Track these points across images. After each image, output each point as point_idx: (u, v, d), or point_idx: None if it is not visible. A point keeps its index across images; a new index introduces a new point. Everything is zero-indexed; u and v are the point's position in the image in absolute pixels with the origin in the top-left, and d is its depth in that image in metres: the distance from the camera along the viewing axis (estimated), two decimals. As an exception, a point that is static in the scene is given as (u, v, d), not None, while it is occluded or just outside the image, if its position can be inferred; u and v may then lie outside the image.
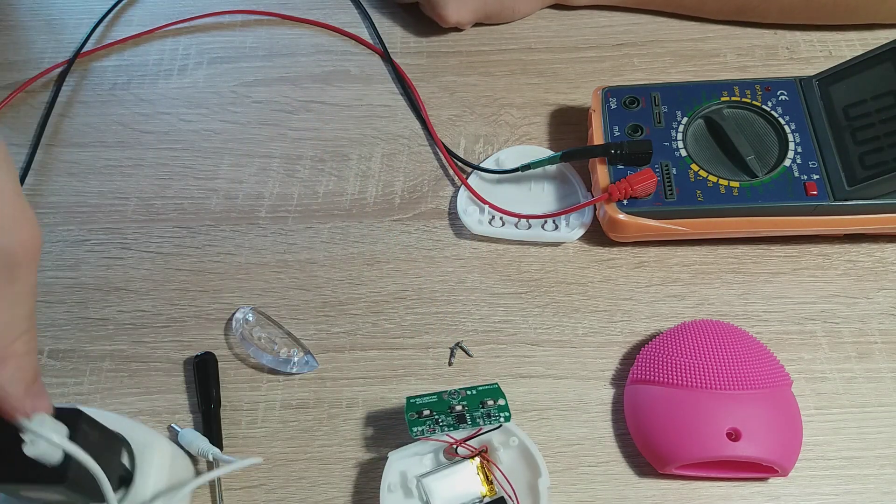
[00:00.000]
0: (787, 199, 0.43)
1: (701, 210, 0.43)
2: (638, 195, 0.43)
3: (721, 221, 0.44)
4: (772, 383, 0.39)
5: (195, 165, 0.52)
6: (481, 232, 0.47)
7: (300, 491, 0.41)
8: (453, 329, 0.45)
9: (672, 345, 0.41)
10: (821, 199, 0.43)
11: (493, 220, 0.47)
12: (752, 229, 0.44)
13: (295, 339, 0.44)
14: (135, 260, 0.48)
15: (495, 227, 0.47)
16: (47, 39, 0.58)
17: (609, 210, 0.44)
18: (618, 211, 0.44)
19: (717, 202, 0.43)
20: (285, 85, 0.55)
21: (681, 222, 0.44)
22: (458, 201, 0.48)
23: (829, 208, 0.43)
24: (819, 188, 0.43)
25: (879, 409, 0.41)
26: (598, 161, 0.46)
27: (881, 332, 0.44)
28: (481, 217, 0.47)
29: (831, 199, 0.43)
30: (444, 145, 0.51)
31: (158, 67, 0.56)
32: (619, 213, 0.44)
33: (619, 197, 0.43)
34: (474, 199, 0.48)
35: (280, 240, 0.48)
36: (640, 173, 0.43)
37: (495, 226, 0.47)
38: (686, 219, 0.44)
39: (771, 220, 0.44)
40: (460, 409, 0.38)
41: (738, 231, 0.45)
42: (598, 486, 0.40)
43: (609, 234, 0.46)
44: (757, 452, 0.37)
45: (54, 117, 0.54)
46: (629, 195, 0.43)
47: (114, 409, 0.43)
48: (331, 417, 0.42)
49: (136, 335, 0.45)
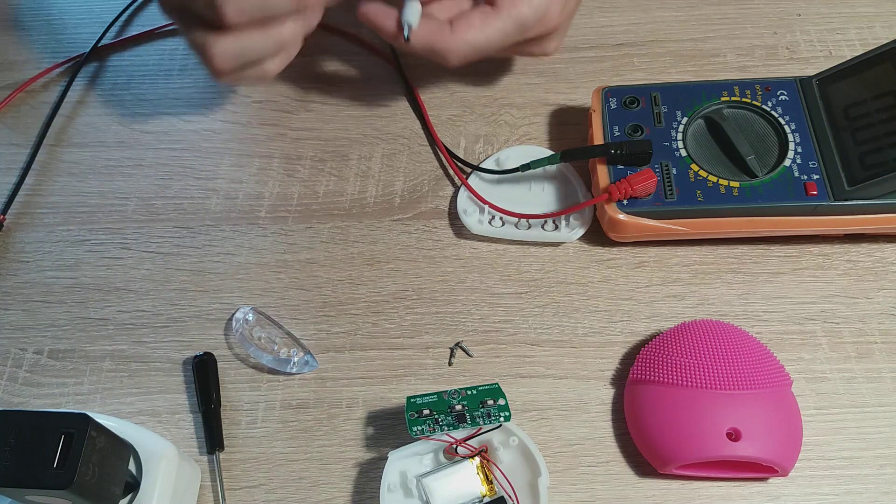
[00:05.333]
0: (787, 199, 0.43)
1: (701, 210, 0.43)
2: (638, 195, 0.43)
3: (721, 221, 0.44)
4: (772, 383, 0.39)
5: (195, 165, 0.52)
6: (481, 232, 0.47)
7: (300, 491, 0.41)
8: (453, 329, 0.45)
9: (672, 345, 0.41)
10: (821, 199, 0.43)
11: (493, 220, 0.47)
12: (753, 229, 0.44)
13: (295, 339, 0.44)
14: (135, 260, 0.48)
15: (495, 227, 0.47)
16: (47, 40, 0.58)
17: (609, 210, 0.44)
18: (618, 211, 0.44)
19: (717, 202, 0.43)
20: (285, 85, 0.55)
21: (681, 222, 0.44)
22: (458, 201, 0.48)
23: (830, 208, 0.43)
24: (819, 188, 0.43)
25: (879, 409, 0.41)
26: (598, 161, 0.45)
27: (881, 332, 0.44)
28: (481, 217, 0.47)
29: (831, 199, 0.42)
30: (445, 146, 0.51)
31: (159, 67, 0.56)
32: (619, 213, 0.44)
33: (619, 197, 0.43)
34: (474, 199, 0.48)
35: (280, 240, 0.48)
36: (640, 173, 0.43)
37: (495, 226, 0.47)
38: (686, 219, 0.44)
39: (771, 220, 0.44)
40: (460, 409, 0.38)
41: (739, 231, 0.45)
42: (597, 486, 0.40)
43: (609, 233, 0.46)
44: (757, 452, 0.37)
45: (58, 118, 0.54)
46: (629, 195, 0.43)
47: (114, 409, 0.43)
48: (331, 417, 0.43)
49: (136, 335, 0.45)
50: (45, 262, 0.48)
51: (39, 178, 0.52)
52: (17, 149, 0.53)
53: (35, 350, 0.45)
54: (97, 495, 0.32)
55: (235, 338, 0.45)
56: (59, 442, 0.31)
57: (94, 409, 0.42)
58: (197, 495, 0.40)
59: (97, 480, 0.32)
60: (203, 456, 0.42)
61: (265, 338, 0.44)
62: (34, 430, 0.31)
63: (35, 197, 0.51)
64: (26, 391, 0.44)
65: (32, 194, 0.51)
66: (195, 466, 0.40)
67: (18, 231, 0.49)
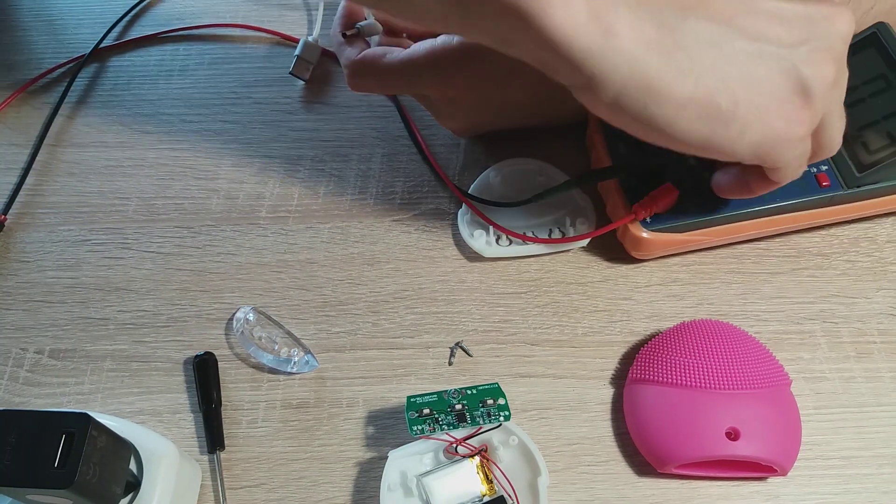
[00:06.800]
0: (803, 194, 0.43)
1: (721, 217, 0.43)
2: (661, 211, 0.43)
3: (742, 225, 0.43)
4: (771, 383, 0.39)
5: (196, 165, 0.52)
6: (493, 254, 0.46)
7: (300, 490, 0.41)
8: (453, 329, 0.45)
9: (671, 344, 0.41)
10: (834, 189, 0.43)
11: (501, 240, 0.46)
12: (774, 228, 0.44)
13: (295, 339, 0.44)
14: (135, 260, 0.48)
15: (503, 247, 0.46)
16: (48, 40, 0.58)
17: (633, 229, 0.43)
18: (642, 229, 0.43)
19: (735, 207, 0.43)
20: (285, 85, 0.55)
21: (703, 232, 0.43)
22: (461, 227, 0.47)
23: (845, 197, 0.43)
24: (831, 178, 0.43)
25: (878, 409, 0.42)
26: (611, 182, 0.45)
27: (880, 332, 0.44)
28: (489, 238, 0.46)
29: (844, 187, 0.43)
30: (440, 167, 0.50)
31: (159, 68, 0.56)
32: (644, 231, 0.43)
33: (644, 216, 0.43)
34: (479, 220, 0.47)
35: (280, 240, 0.48)
36: (661, 189, 0.42)
37: (503, 244, 0.46)
38: (707, 228, 0.43)
39: (790, 216, 0.44)
40: (460, 409, 0.38)
41: (760, 232, 0.44)
42: (597, 486, 0.40)
43: (633, 252, 0.45)
44: (756, 452, 0.37)
45: (59, 118, 0.54)
46: (654, 212, 0.43)
47: (114, 409, 0.43)
48: (331, 417, 0.43)
49: (137, 335, 0.46)
50: (46, 261, 0.48)
51: (40, 179, 0.52)
52: (18, 149, 0.53)
53: (36, 350, 0.45)
54: (98, 495, 0.32)
55: (236, 337, 0.45)
56: (60, 441, 0.31)
57: (94, 409, 0.42)
58: (197, 495, 0.40)
59: (98, 480, 0.32)
60: (204, 455, 0.42)
61: (266, 337, 0.44)
62: (35, 430, 0.31)
63: (36, 197, 0.51)
64: (27, 391, 0.44)
65: (33, 194, 0.51)
66: (196, 466, 0.40)
67: (19, 231, 0.50)
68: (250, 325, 0.44)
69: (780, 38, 0.32)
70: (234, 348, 0.45)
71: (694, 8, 0.31)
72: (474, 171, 0.49)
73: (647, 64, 0.30)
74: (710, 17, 0.31)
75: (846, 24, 0.33)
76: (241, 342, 0.44)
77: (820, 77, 0.32)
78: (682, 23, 0.31)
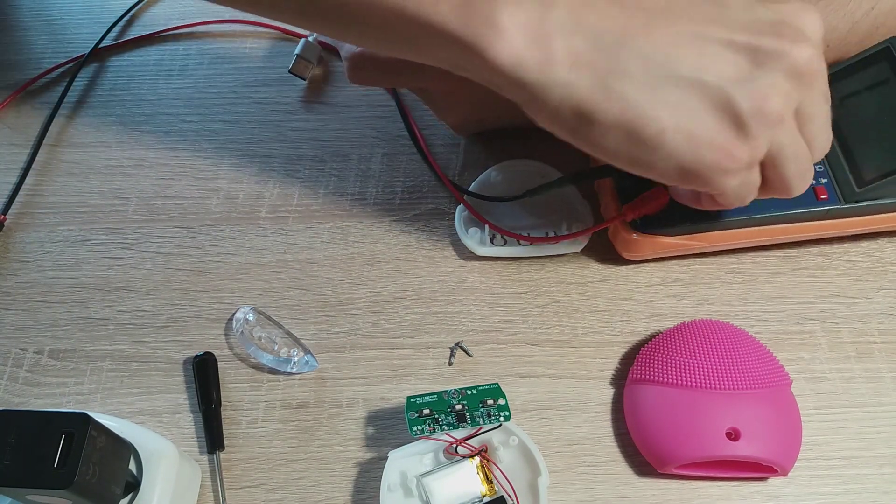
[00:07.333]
0: (799, 206, 0.42)
1: (713, 223, 0.43)
2: (651, 213, 0.42)
3: (735, 233, 0.43)
4: (771, 383, 0.39)
5: (196, 165, 0.52)
6: (486, 253, 0.46)
7: (300, 490, 0.41)
8: (453, 329, 0.45)
9: (672, 345, 0.41)
10: (832, 202, 0.42)
11: (496, 239, 0.46)
12: (766, 238, 0.44)
13: (295, 339, 0.44)
14: (135, 260, 0.48)
15: (497, 247, 0.46)
16: (48, 40, 0.58)
17: (623, 230, 0.43)
18: (631, 231, 0.43)
19: (728, 214, 0.42)
20: (285, 85, 0.55)
21: (695, 237, 0.43)
22: (458, 224, 0.47)
23: (842, 211, 0.42)
24: (829, 192, 0.42)
25: (879, 409, 0.42)
26: (606, 181, 0.45)
27: (880, 332, 0.44)
28: (483, 237, 0.46)
29: (842, 202, 0.42)
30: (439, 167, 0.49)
31: (159, 68, 0.56)
32: (633, 233, 0.43)
33: (633, 217, 0.43)
34: (475, 219, 0.47)
35: (280, 240, 0.48)
36: (652, 192, 0.42)
37: (497, 244, 0.46)
38: (699, 233, 0.43)
39: (784, 227, 0.43)
40: (460, 409, 0.38)
41: (752, 241, 0.44)
42: (597, 486, 0.40)
43: (623, 253, 0.45)
44: (756, 452, 0.37)
45: (58, 118, 0.54)
46: (643, 214, 0.42)
47: (114, 409, 0.43)
48: (331, 417, 0.43)
49: (137, 335, 0.45)
50: (46, 262, 0.48)
51: (40, 178, 0.52)
52: (18, 149, 0.53)
53: (35, 350, 0.45)
54: (97, 495, 0.32)
55: (236, 337, 0.45)
56: (60, 442, 0.31)
57: (94, 409, 0.42)
58: (197, 495, 0.40)
59: (97, 480, 0.32)
60: (203, 455, 0.42)
61: (265, 337, 0.44)
62: (35, 430, 0.31)
63: (35, 197, 0.51)
64: (27, 391, 0.44)
65: (33, 194, 0.51)
66: (195, 466, 0.40)
67: (19, 231, 0.50)
68: (250, 326, 0.44)
69: (722, 72, 0.32)
70: (234, 348, 0.45)
71: (636, 35, 0.31)
72: (474, 172, 0.49)
73: (578, 88, 0.31)
74: (651, 44, 0.31)
75: (804, 57, 0.32)
76: (240, 342, 0.44)
77: (760, 113, 0.31)
78: (620, 49, 0.31)
